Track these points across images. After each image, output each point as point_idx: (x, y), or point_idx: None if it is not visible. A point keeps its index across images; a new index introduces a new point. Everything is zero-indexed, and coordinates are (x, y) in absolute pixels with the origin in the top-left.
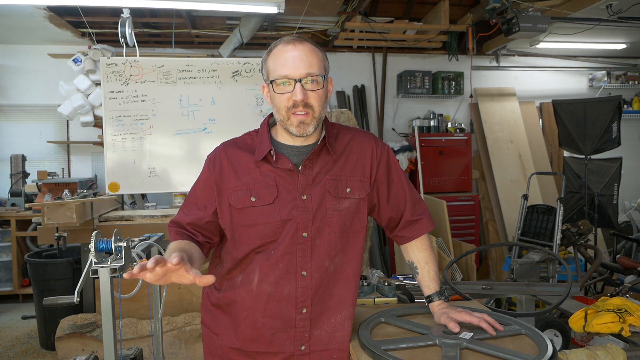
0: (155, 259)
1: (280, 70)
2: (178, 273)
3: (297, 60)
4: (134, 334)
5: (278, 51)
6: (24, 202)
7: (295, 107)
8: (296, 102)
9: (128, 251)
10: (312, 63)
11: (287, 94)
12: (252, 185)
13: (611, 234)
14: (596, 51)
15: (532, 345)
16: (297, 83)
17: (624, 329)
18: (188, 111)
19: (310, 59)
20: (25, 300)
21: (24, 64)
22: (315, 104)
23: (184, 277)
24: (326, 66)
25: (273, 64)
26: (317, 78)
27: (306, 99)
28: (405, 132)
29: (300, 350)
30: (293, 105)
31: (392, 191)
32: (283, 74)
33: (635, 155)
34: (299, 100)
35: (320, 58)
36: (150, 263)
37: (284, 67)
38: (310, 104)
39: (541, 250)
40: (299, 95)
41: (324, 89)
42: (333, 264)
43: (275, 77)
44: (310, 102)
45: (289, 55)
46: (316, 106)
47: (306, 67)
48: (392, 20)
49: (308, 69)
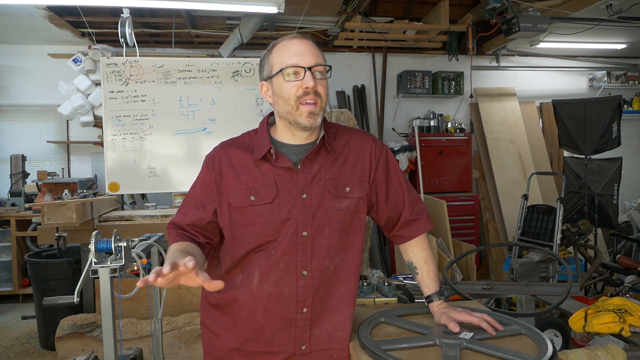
0: (171, 264)
1: (289, 60)
2: (188, 276)
3: (305, 50)
4: (134, 334)
5: (284, 44)
6: (24, 202)
7: (306, 95)
8: (307, 90)
9: (128, 251)
10: (318, 55)
11: (297, 82)
12: (251, 184)
13: (611, 234)
14: (596, 51)
15: (532, 345)
16: (307, 71)
17: (624, 329)
18: (188, 111)
19: (316, 51)
20: (25, 300)
21: (24, 64)
22: (323, 93)
23: (193, 281)
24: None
25: (279, 57)
26: (324, 68)
27: (316, 87)
28: (405, 132)
29: (300, 349)
30: (304, 94)
31: (390, 191)
32: (293, 62)
33: (635, 155)
34: (310, 87)
35: (322, 53)
36: (166, 269)
37: (293, 57)
38: (319, 92)
39: (541, 250)
40: (310, 82)
41: (327, 80)
42: (333, 263)
43: (285, 66)
44: (319, 90)
45: (296, 46)
46: (323, 95)
47: (315, 57)
48: (392, 20)
49: (316, 59)
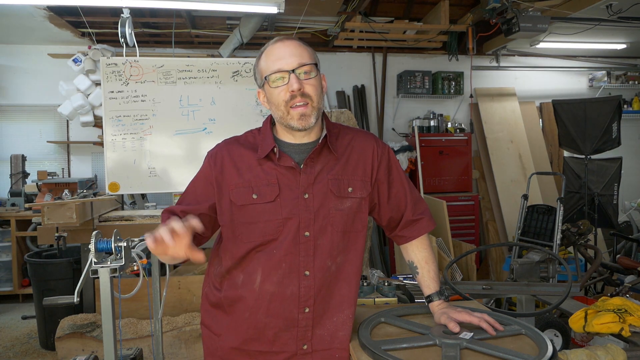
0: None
1: (272, 65)
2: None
3: (287, 53)
4: (134, 334)
5: (268, 51)
6: (24, 202)
7: (294, 99)
8: (294, 93)
9: (128, 251)
10: (302, 54)
11: (283, 87)
12: (253, 183)
13: (611, 234)
14: (596, 51)
15: (532, 345)
16: (291, 74)
17: (624, 329)
18: (188, 111)
19: (300, 51)
20: (25, 300)
21: (24, 64)
22: (313, 93)
23: (181, 250)
24: (316, 59)
25: (265, 63)
26: (309, 67)
27: (303, 88)
28: (405, 132)
29: (302, 349)
30: (291, 97)
31: (392, 191)
32: (276, 68)
33: (635, 155)
34: (295, 89)
35: (309, 51)
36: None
37: (276, 62)
38: (307, 94)
39: (541, 250)
40: (295, 85)
41: (317, 77)
42: (335, 264)
43: (269, 72)
44: (307, 91)
45: (278, 51)
46: (314, 95)
47: (297, 58)
48: (392, 20)
49: (299, 60)
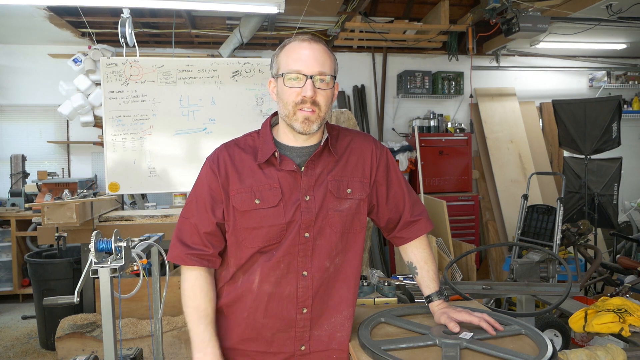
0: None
1: (293, 64)
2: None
3: (310, 57)
4: (134, 334)
5: (292, 47)
6: (24, 202)
7: (303, 104)
8: (305, 99)
9: (128, 251)
10: (324, 62)
11: (296, 89)
12: (255, 187)
13: (611, 234)
14: (596, 51)
15: (532, 345)
16: (308, 79)
17: (624, 329)
18: (188, 111)
19: (323, 58)
20: (25, 300)
21: (24, 64)
22: (322, 103)
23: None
24: (336, 68)
25: (285, 59)
26: (327, 78)
27: (315, 97)
28: (405, 132)
29: (300, 350)
30: (301, 101)
31: (391, 192)
32: (295, 68)
33: (635, 155)
34: (308, 96)
35: (332, 60)
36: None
37: (297, 62)
38: (317, 102)
39: (541, 250)
40: (308, 92)
41: (331, 90)
42: (333, 264)
43: (287, 70)
44: (318, 100)
45: (303, 52)
46: (323, 105)
47: (319, 66)
48: (392, 20)
49: (321, 68)
